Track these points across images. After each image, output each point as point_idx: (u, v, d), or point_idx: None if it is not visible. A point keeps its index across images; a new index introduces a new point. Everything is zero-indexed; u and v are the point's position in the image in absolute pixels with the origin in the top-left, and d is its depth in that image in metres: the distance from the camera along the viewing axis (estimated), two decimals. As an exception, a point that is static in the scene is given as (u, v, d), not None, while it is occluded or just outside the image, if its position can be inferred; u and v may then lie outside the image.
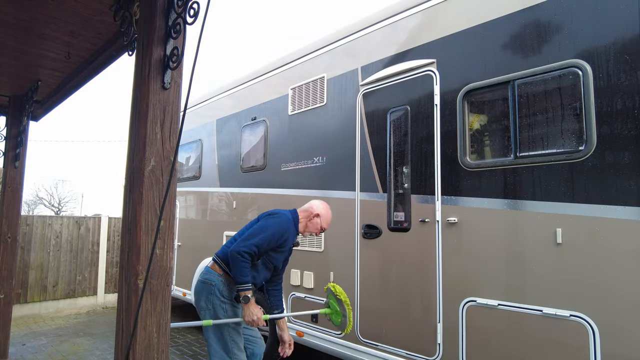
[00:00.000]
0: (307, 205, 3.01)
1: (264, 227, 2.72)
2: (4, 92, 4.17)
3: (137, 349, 1.66)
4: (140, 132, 1.78)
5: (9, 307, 4.04)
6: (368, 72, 3.72)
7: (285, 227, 2.78)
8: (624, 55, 2.32)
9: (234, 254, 2.58)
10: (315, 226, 2.95)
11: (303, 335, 4.04)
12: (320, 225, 2.96)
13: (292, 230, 2.86)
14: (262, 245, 2.65)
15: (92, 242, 7.68)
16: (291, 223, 2.87)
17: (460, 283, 2.91)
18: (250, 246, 2.59)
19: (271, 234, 2.69)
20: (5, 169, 4.16)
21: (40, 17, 2.69)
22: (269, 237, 2.68)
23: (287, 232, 2.80)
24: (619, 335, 2.24)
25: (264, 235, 2.66)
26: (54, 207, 36.45)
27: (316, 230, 2.97)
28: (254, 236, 2.65)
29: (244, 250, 2.57)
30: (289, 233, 2.81)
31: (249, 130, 5.12)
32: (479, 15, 2.98)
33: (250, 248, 2.59)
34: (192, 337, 5.67)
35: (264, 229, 2.70)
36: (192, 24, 1.75)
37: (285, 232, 2.78)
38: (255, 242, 2.62)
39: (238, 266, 2.57)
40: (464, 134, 2.98)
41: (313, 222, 2.95)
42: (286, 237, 2.80)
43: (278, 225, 2.75)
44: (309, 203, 3.04)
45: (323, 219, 2.96)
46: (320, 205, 3.00)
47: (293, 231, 2.88)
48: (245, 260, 2.57)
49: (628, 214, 2.25)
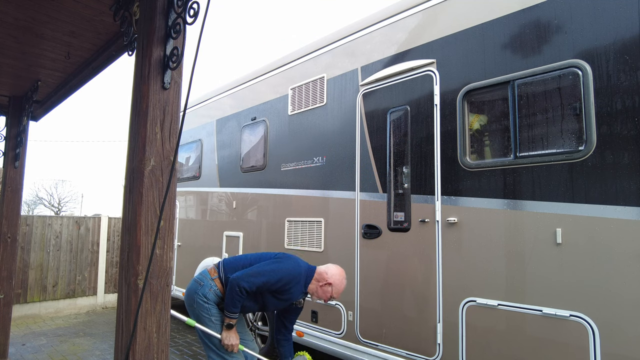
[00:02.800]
0: (324, 269, 2.94)
1: (272, 271, 2.74)
2: (3, 92, 4.17)
3: (137, 349, 1.66)
4: (140, 132, 1.78)
5: (9, 307, 4.03)
6: (368, 72, 3.72)
7: (289, 277, 2.76)
8: (623, 55, 2.32)
9: (234, 284, 2.66)
10: (325, 294, 2.87)
11: (303, 335, 4.04)
12: (330, 294, 2.87)
13: (299, 286, 2.82)
14: (263, 287, 2.71)
15: (92, 242, 7.68)
16: (302, 278, 2.83)
17: (460, 283, 2.91)
18: (252, 285, 2.67)
19: (275, 280, 2.72)
20: (5, 169, 4.15)
21: (40, 17, 2.69)
22: (271, 282, 2.71)
23: (291, 285, 2.76)
24: (619, 335, 2.24)
25: (267, 278, 2.71)
26: (53, 207, 36.44)
27: (324, 298, 2.88)
28: (260, 275, 2.70)
29: (244, 286, 2.65)
30: (293, 286, 2.77)
31: (249, 130, 5.12)
32: (478, 15, 2.98)
33: (251, 287, 2.67)
34: (192, 337, 5.67)
35: (271, 273, 2.73)
36: (192, 24, 1.75)
37: (288, 281, 2.75)
38: (258, 282, 2.69)
39: (233, 298, 2.67)
40: (464, 134, 2.98)
41: (324, 289, 2.87)
42: (288, 288, 2.76)
43: (283, 273, 2.75)
44: (326, 266, 2.97)
45: (335, 289, 2.87)
46: (336, 273, 2.90)
47: (300, 288, 2.83)
48: (242, 295, 2.67)
49: (628, 214, 2.25)
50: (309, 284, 2.88)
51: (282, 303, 2.88)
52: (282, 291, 2.76)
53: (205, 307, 2.75)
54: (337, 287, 2.88)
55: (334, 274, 2.88)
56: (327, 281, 2.87)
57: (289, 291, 2.78)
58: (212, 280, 2.80)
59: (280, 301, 2.84)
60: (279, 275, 2.73)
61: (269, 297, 2.80)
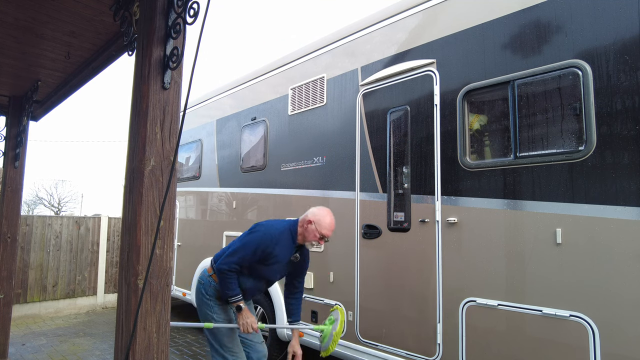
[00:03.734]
0: (305, 213, 2.87)
1: (244, 245, 2.74)
2: (3, 92, 4.17)
3: (136, 349, 1.66)
4: (140, 132, 1.78)
5: (9, 307, 4.03)
6: (368, 72, 3.73)
7: (265, 242, 2.70)
8: (623, 55, 2.32)
9: (218, 271, 2.71)
10: (311, 234, 2.75)
11: (303, 335, 4.04)
12: (316, 232, 2.74)
13: (283, 244, 2.75)
14: (242, 262, 2.71)
15: (92, 242, 7.68)
16: (284, 236, 2.76)
17: (460, 283, 2.91)
18: (230, 264, 2.69)
19: (251, 252, 2.70)
20: (5, 169, 4.15)
21: (40, 17, 2.69)
22: (249, 255, 2.70)
23: (273, 248, 2.71)
24: (619, 336, 2.24)
25: (242, 253, 2.71)
26: (53, 207, 36.43)
27: (314, 238, 2.76)
28: (234, 254, 2.72)
29: (225, 269, 2.69)
30: (275, 248, 2.71)
31: (249, 131, 5.12)
32: (478, 15, 2.98)
33: (231, 266, 2.69)
34: (192, 337, 5.67)
35: (243, 247, 2.73)
36: (192, 24, 1.75)
37: (266, 247, 2.69)
38: (234, 260, 2.70)
39: (223, 283, 2.70)
40: (464, 134, 2.98)
41: (308, 230, 2.76)
42: (271, 251, 2.70)
43: (255, 242, 2.71)
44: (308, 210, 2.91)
45: (318, 225, 2.73)
46: (316, 211, 2.80)
47: (286, 245, 2.76)
48: (228, 276, 2.69)
49: (628, 214, 2.25)
50: (297, 237, 2.82)
51: (277, 267, 2.82)
52: (266, 257, 2.72)
53: (208, 304, 2.79)
54: (320, 223, 2.74)
55: (314, 213, 2.80)
56: (307, 220, 2.78)
57: (273, 254, 2.72)
58: (210, 277, 2.84)
59: (273, 267, 2.79)
60: (252, 246, 2.70)
61: (261, 268, 2.77)
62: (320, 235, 2.76)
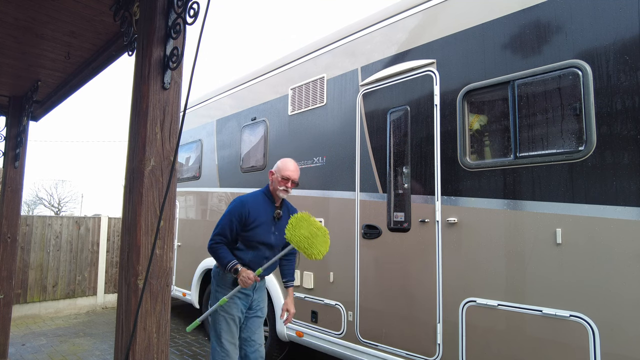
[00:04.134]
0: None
1: (222, 218, 2.86)
2: (3, 92, 4.17)
3: (136, 349, 1.66)
4: (140, 132, 1.79)
5: (9, 307, 4.03)
6: (368, 72, 3.73)
7: (238, 208, 2.80)
8: (623, 55, 2.32)
9: (209, 250, 2.84)
10: (277, 183, 2.88)
11: (303, 335, 4.04)
12: (279, 177, 2.86)
13: (256, 205, 2.84)
14: (223, 233, 2.81)
15: (92, 242, 7.68)
16: (260, 197, 2.90)
17: (460, 283, 2.91)
18: (214, 238, 2.82)
19: (229, 222, 2.80)
20: (5, 169, 4.16)
21: (40, 17, 2.69)
22: (227, 224, 2.80)
23: (244, 211, 2.78)
24: (619, 336, 2.24)
25: (221, 225, 2.83)
26: (53, 207, 36.43)
27: (281, 184, 2.87)
28: (215, 228, 2.85)
29: (210, 245, 2.82)
30: (248, 210, 2.79)
31: (249, 131, 5.12)
32: (478, 15, 2.98)
33: (214, 239, 2.81)
34: (192, 337, 5.67)
35: (222, 220, 2.85)
36: (192, 24, 1.75)
37: (241, 212, 2.78)
38: (216, 232, 2.83)
39: (215, 257, 2.82)
40: (464, 134, 2.98)
41: (274, 181, 2.91)
42: (247, 215, 2.78)
43: (228, 212, 2.83)
44: None
45: (279, 171, 2.88)
46: (277, 162, 2.97)
47: (261, 205, 2.87)
48: (216, 249, 2.80)
49: (628, 214, 2.25)
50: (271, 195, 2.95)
51: (264, 228, 2.86)
52: (247, 222, 2.79)
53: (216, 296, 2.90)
54: (280, 169, 2.89)
55: (275, 164, 2.97)
56: (270, 173, 2.96)
57: (252, 217, 2.79)
58: (216, 266, 2.97)
59: (259, 229, 2.83)
60: (229, 216, 2.81)
61: (250, 235, 2.81)
62: (284, 178, 2.87)
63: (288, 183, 2.88)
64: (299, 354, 4.74)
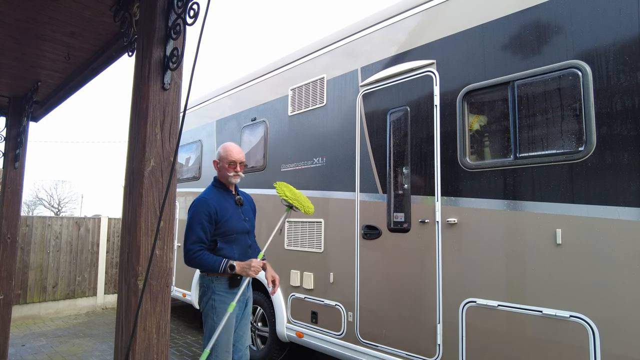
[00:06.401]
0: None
1: (187, 228, 2.74)
2: (3, 92, 4.17)
3: (136, 349, 1.66)
4: (140, 132, 1.79)
5: (9, 307, 4.03)
6: (368, 72, 3.73)
7: (200, 210, 2.70)
8: (623, 56, 2.33)
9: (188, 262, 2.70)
10: (225, 170, 2.84)
11: (303, 336, 4.03)
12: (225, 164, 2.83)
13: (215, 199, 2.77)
14: (199, 240, 2.68)
15: (92, 243, 7.68)
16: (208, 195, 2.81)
17: (460, 284, 2.91)
18: (191, 248, 2.67)
19: (198, 227, 2.68)
20: (5, 169, 4.16)
21: (40, 17, 2.69)
22: (199, 230, 2.68)
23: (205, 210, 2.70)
24: (619, 336, 2.24)
25: (191, 234, 2.69)
26: (53, 207, 36.42)
27: (232, 171, 2.83)
28: (187, 238, 2.71)
29: (190, 257, 2.66)
30: (209, 207, 2.71)
31: (249, 131, 5.12)
32: (478, 16, 2.98)
33: (192, 249, 2.66)
34: (192, 337, 5.67)
35: (187, 230, 2.73)
36: (192, 25, 1.75)
37: (207, 211, 2.69)
38: (190, 242, 2.68)
39: (200, 265, 2.67)
40: (464, 135, 2.99)
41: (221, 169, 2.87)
42: (214, 212, 2.71)
43: (194, 216, 2.71)
44: None
45: (223, 159, 2.84)
46: (217, 150, 2.93)
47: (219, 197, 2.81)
48: (199, 259, 2.65)
49: (628, 215, 2.25)
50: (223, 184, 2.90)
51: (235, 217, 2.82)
52: (218, 218, 2.72)
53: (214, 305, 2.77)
54: (226, 157, 2.84)
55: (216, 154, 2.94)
56: (214, 163, 2.92)
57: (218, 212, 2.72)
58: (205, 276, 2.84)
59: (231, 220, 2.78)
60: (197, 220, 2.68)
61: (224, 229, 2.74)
62: (231, 163, 2.83)
63: (237, 167, 2.85)
64: (299, 355, 4.73)
